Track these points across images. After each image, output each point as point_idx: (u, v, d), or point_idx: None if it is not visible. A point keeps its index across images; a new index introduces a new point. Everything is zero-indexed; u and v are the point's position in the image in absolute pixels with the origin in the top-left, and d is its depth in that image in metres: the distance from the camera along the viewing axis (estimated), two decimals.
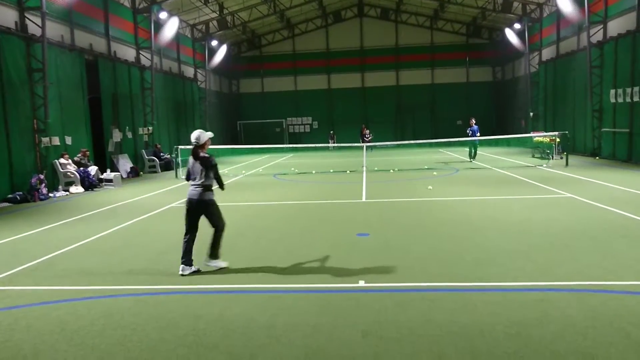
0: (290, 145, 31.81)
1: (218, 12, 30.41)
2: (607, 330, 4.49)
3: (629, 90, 19.00)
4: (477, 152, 22.62)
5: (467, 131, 22.27)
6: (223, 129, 37.69)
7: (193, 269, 6.72)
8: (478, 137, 22.00)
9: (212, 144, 7.15)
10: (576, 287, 5.63)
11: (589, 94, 22.18)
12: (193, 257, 6.74)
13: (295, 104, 40.32)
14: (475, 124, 22.11)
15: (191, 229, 6.76)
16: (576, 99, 24.28)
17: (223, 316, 5.14)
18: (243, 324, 4.91)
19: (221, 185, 6.93)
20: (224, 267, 6.85)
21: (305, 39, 40.03)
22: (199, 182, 6.66)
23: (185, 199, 6.82)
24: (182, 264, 6.71)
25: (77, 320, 5.17)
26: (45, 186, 14.95)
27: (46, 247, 8.42)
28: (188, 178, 6.84)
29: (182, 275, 6.63)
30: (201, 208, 6.70)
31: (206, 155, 6.72)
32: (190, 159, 6.78)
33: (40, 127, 15.93)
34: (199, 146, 6.72)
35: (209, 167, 6.65)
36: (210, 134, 6.88)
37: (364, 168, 19.89)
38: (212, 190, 6.75)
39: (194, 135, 6.75)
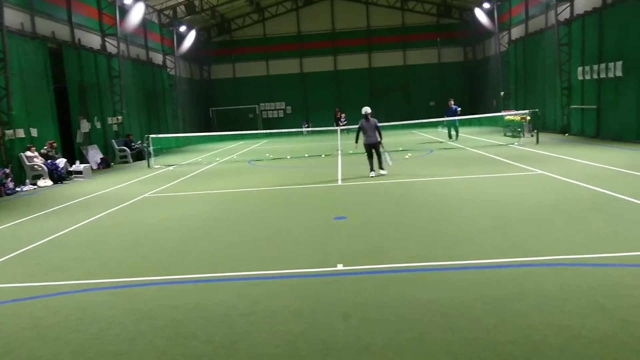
0: (264, 131, 31.50)
1: None
2: (581, 302, 4.58)
3: (596, 67, 19.34)
4: (458, 132, 22.68)
5: (446, 112, 22.36)
6: (195, 116, 37.05)
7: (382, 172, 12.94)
8: (451, 118, 22.06)
9: (185, 132, 7.09)
10: (551, 262, 5.74)
11: (558, 72, 22.52)
12: None
13: (268, 89, 39.86)
14: (454, 104, 22.25)
15: (372, 156, 12.83)
16: (546, 77, 24.61)
17: (201, 305, 5.07)
18: (222, 312, 4.85)
19: (380, 137, 12.71)
20: (385, 174, 12.81)
21: (276, 23, 39.44)
22: (373, 134, 12.64)
23: (365, 143, 12.74)
24: (380, 169, 12.88)
25: (50, 316, 5.03)
26: (11, 180, 14.49)
27: (16, 243, 8.16)
28: (359, 132, 12.85)
29: (384, 174, 12.81)
30: (375, 146, 12.76)
31: (375, 119, 12.83)
32: (364, 122, 12.72)
33: (3, 120, 15.36)
34: (368, 115, 12.73)
35: (377, 127, 12.74)
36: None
37: (339, 152, 19.86)
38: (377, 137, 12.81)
39: (367, 109, 12.77)
